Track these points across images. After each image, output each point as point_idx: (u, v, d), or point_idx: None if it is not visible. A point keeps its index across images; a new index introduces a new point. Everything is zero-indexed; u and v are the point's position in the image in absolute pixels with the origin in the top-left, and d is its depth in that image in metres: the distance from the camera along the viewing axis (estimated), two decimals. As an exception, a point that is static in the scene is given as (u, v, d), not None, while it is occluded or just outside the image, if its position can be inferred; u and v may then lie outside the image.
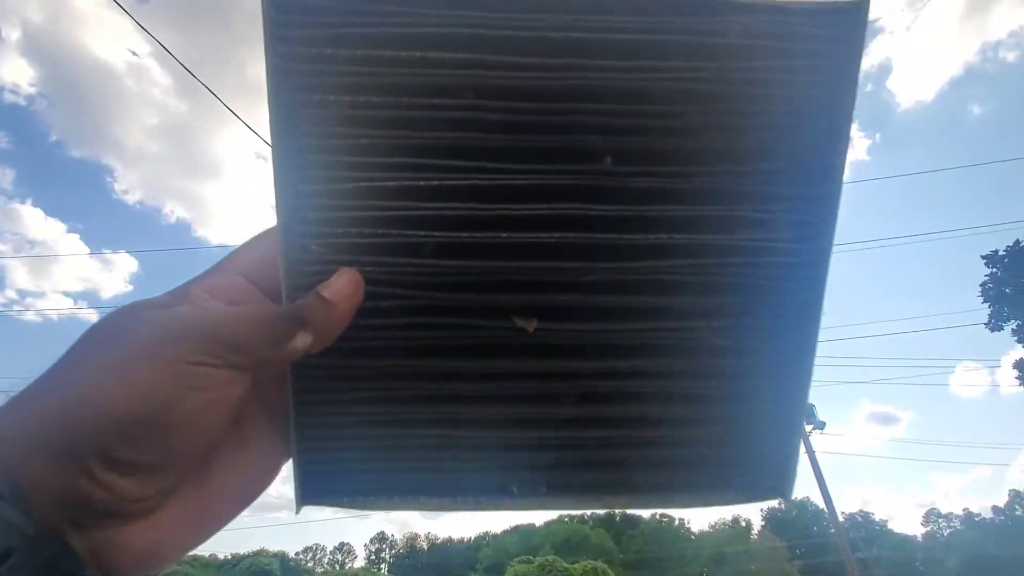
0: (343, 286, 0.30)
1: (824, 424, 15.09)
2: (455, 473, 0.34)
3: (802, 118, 0.30)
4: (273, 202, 0.30)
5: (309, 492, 0.34)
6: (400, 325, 0.32)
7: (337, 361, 0.32)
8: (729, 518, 38.47)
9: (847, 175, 0.31)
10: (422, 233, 0.30)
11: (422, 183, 0.30)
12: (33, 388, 0.25)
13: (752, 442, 0.35)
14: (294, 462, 0.33)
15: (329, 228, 0.30)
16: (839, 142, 0.30)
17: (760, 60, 0.29)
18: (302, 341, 0.29)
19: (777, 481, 0.36)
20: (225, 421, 0.28)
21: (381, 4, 0.28)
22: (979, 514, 37.22)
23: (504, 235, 0.31)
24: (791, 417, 0.34)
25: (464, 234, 0.30)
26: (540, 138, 0.30)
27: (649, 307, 0.33)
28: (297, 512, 0.35)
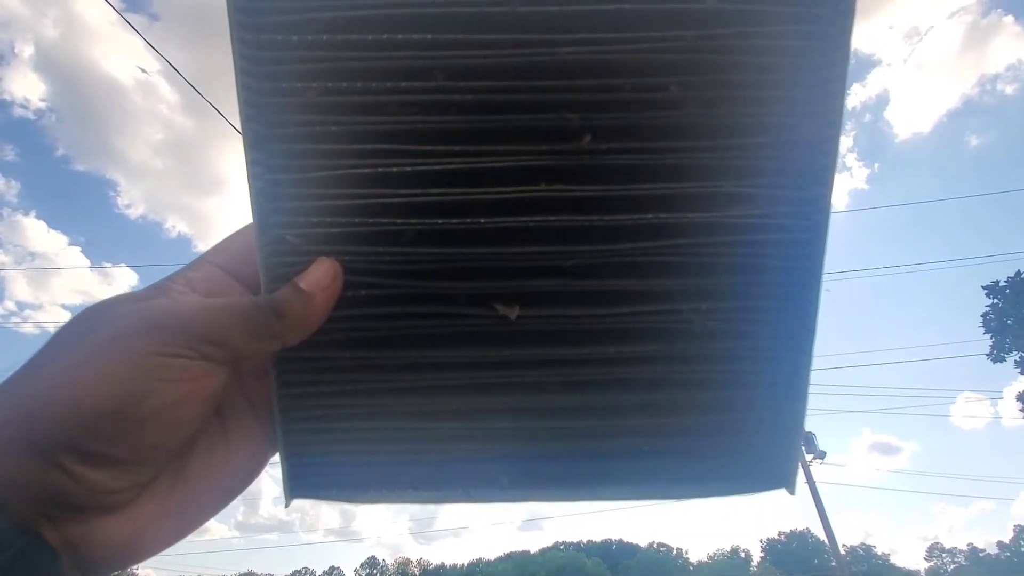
0: (321, 276, 0.29)
1: (825, 453, 14.83)
2: (443, 465, 0.34)
3: (791, 87, 0.28)
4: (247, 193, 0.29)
5: (297, 486, 0.33)
6: (380, 315, 0.31)
7: (319, 353, 0.31)
8: (728, 548, 37.73)
9: (846, 203, 0.29)
10: (399, 221, 0.30)
11: (395, 169, 0.29)
12: (6, 383, 0.25)
13: (749, 430, 0.33)
14: (281, 456, 0.33)
15: (304, 218, 0.29)
16: (832, 112, 0.28)
17: (743, 26, 0.27)
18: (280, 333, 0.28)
19: (778, 472, 0.33)
20: (202, 414, 0.28)
21: None
22: (984, 549, 36.46)
23: (483, 220, 0.30)
24: (791, 404, 0.32)
25: (441, 220, 0.30)
26: (515, 118, 0.29)
27: (635, 290, 0.31)
28: (287, 506, 0.34)
